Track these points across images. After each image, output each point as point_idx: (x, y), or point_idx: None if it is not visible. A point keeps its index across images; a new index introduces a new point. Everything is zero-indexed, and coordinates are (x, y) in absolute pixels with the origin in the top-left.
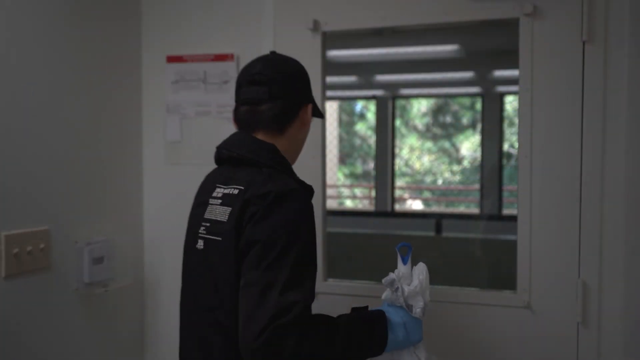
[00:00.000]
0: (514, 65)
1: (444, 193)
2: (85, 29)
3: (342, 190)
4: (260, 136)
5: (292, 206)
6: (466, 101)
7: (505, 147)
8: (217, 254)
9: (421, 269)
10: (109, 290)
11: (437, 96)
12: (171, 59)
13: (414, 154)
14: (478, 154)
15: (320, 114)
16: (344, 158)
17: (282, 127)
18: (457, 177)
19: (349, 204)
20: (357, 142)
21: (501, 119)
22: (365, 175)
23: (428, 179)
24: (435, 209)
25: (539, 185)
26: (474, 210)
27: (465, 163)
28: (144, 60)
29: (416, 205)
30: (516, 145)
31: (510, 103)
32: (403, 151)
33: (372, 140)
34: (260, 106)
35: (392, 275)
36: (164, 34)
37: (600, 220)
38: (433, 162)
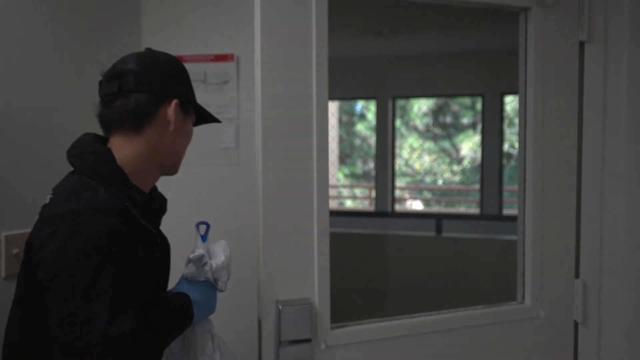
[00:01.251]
0: (514, 65)
1: (444, 193)
2: (84, 29)
3: (342, 190)
4: (116, 139)
5: (84, 230)
6: (466, 101)
7: (506, 147)
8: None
9: (224, 245)
10: None
11: (437, 96)
12: None
13: (414, 154)
14: (478, 154)
15: (205, 119)
16: (344, 158)
17: (138, 126)
18: (458, 177)
19: (349, 204)
20: (357, 142)
21: (501, 118)
22: (365, 175)
23: (428, 179)
24: (435, 209)
25: (539, 185)
26: (474, 210)
27: (466, 163)
28: None
29: (416, 205)
30: (516, 145)
31: (510, 103)
32: (403, 151)
33: (372, 140)
34: (114, 103)
35: (199, 252)
36: (164, 34)
37: (600, 220)
38: (433, 162)
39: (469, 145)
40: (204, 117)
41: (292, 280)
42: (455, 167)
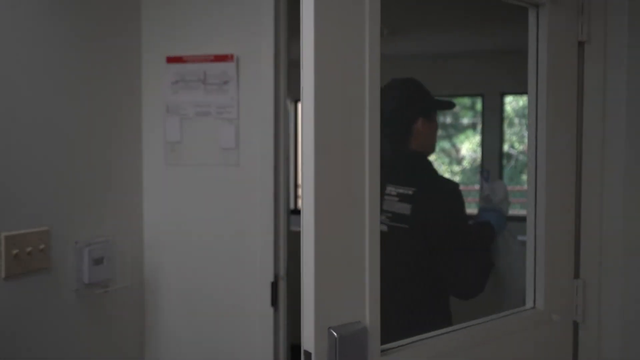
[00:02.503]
0: (514, 65)
1: None
2: (84, 30)
3: None
4: None
5: None
6: (466, 101)
7: (506, 147)
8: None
9: (501, 183)
10: (109, 291)
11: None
12: (171, 60)
13: None
14: (478, 155)
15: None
16: None
17: None
18: (458, 178)
19: None
20: None
21: (501, 119)
22: None
23: None
24: None
25: (540, 185)
26: (474, 210)
27: (466, 163)
28: (143, 61)
29: None
30: (516, 145)
31: (510, 103)
32: None
33: None
34: None
35: (486, 192)
36: (164, 35)
37: (600, 219)
38: (433, 163)
39: (469, 146)
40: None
41: (344, 301)
42: (455, 168)
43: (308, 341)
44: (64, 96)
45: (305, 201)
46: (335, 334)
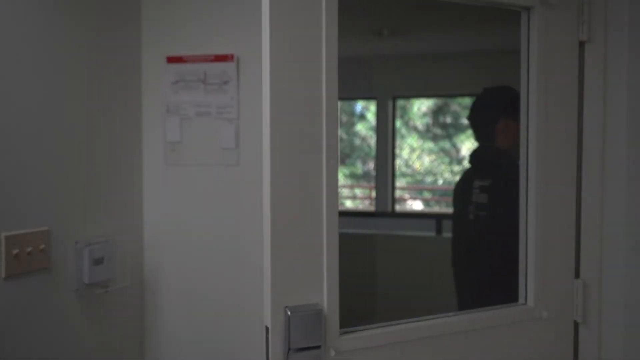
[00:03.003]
0: (514, 65)
1: (445, 193)
2: (84, 30)
3: (343, 190)
4: None
5: None
6: (467, 101)
7: None
8: None
9: None
10: (109, 290)
11: (438, 96)
12: (171, 60)
13: (414, 154)
14: None
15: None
16: (344, 158)
17: None
18: (458, 178)
19: (349, 204)
20: (357, 142)
21: None
22: (365, 175)
23: (428, 179)
24: (435, 209)
25: (539, 184)
26: None
27: (466, 163)
28: (143, 61)
29: (417, 205)
30: None
31: None
32: (403, 151)
33: (372, 140)
34: None
35: None
36: (164, 35)
37: (600, 218)
38: (433, 163)
39: (470, 146)
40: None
41: (301, 285)
42: (456, 167)
43: (267, 317)
44: (64, 96)
45: (264, 189)
46: (289, 312)
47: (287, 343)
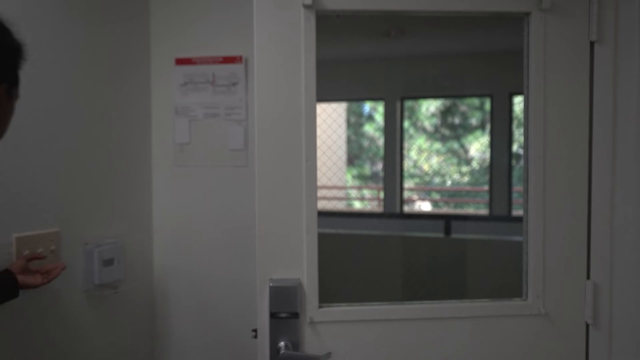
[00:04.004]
0: (522, 65)
1: (453, 194)
2: (93, 32)
3: (351, 191)
4: None
5: None
6: (475, 102)
7: (515, 147)
8: None
9: None
10: (119, 291)
11: (446, 97)
12: (180, 62)
13: (422, 155)
14: (487, 155)
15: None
16: (352, 159)
17: None
18: (466, 178)
19: (357, 205)
20: (366, 143)
21: (510, 119)
22: (373, 176)
23: (437, 180)
24: (444, 210)
25: (547, 186)
26: (483, 211)
27: (474, 164)
28: (152, 63)
29: (425, 206)
30: None
31: (519, 104)
32: (411, 152)
33: (381, 141)
34: None
35: None
36: (173, 37)
37: (611, 220)
38: (442, 163)
39: (478, 146)
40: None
41: (284, 263)
42: (464, 168)
43: (257, 287)
44: (73, 98)
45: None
46: (271, 283)
47: (269, 309)
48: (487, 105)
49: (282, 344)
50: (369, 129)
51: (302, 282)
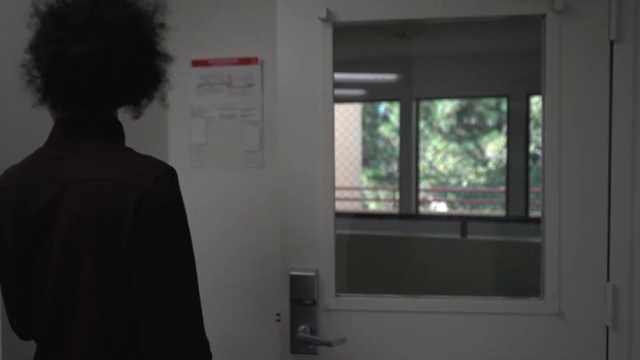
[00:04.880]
0: (539, 65)
1: (469, 195)
2: None
3: (366, 192)
4: None
5: None
6: (491, 102)
7: (532, 148)
8: None
9: None
10: None
11: (462, 97)
12: (196, 63)
13: (438, 155)
14: (503, 156)
15: None
16: (368, 160)
17: None
18: (482, 179)
19: (372, 206)
20: (381, 144)
21: (527, 119)
22: (389, 177)
23: (453, 181)
24: (460, 211)
25: (565, 187)
26: (500, 212)
27: (491, 165)
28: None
29: (441, 207)
30: None
31: (536, 104)
32: (427, 153)
33: (396, 142)
34: None
35: None
36: (189, 39)
37: (631, 221)
38: (457, 164)
39: (494, 147)
40: None
41: (304, 255)
42: (480, 169)
43: (281, 278)
44: None
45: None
46: (291, 273)
47: (290, 296)
48: (504, 105)
49: (302, 327)
50: (384, 129)
51: (319, 273)
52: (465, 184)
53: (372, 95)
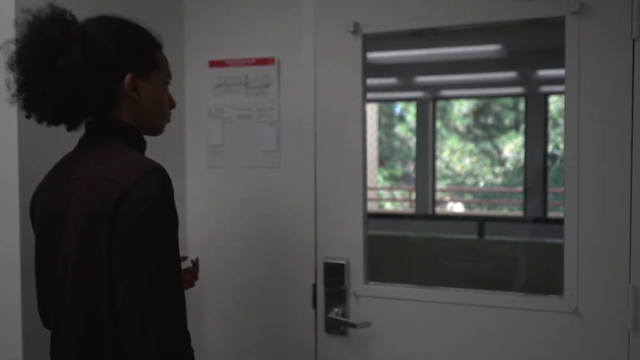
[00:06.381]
0: (558, 64)
1: (486, 195)
2: None
3: (382, 192)
4: None
5: None
6: (508, 102)
7: (550, 148)
8: None
9: None
10: None
11: (479, 97)
12: (213, 64)
13: (454, 155)
14: (521, 156)
15: None
16: (384, 160)
17: None
18: (500, 179)
19: (388, 206)
20: (397, 144)
21: (545, 119)
22: (404, 177)
23: (469, 181)
24: (477, 211)
25: (586, 187)
26: (518, 212)
27: (508, 165)
28: (186, 65)
29: (457, 207)
30: (561, 146)
31: (554, 103)
32: (444, 153)
33: (412, 142)
34: None
35: None
36: (206, 39)
37: None
38: (474, 164)
39: (512, 147)
40: None
41: (337, 245)
42: (497, 169)
43: (314, 265)
44: None
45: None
46: (324, 261)
47: (324, 282)
48: (521, 105)
49: (334, 310)
50: (400, 129)
51: (349, 262)
52: (482, 184)
53: (389, 95)
